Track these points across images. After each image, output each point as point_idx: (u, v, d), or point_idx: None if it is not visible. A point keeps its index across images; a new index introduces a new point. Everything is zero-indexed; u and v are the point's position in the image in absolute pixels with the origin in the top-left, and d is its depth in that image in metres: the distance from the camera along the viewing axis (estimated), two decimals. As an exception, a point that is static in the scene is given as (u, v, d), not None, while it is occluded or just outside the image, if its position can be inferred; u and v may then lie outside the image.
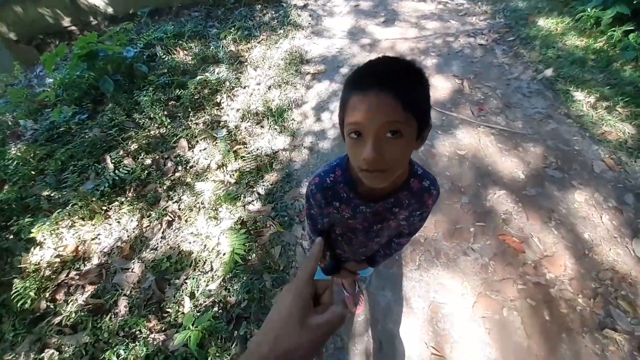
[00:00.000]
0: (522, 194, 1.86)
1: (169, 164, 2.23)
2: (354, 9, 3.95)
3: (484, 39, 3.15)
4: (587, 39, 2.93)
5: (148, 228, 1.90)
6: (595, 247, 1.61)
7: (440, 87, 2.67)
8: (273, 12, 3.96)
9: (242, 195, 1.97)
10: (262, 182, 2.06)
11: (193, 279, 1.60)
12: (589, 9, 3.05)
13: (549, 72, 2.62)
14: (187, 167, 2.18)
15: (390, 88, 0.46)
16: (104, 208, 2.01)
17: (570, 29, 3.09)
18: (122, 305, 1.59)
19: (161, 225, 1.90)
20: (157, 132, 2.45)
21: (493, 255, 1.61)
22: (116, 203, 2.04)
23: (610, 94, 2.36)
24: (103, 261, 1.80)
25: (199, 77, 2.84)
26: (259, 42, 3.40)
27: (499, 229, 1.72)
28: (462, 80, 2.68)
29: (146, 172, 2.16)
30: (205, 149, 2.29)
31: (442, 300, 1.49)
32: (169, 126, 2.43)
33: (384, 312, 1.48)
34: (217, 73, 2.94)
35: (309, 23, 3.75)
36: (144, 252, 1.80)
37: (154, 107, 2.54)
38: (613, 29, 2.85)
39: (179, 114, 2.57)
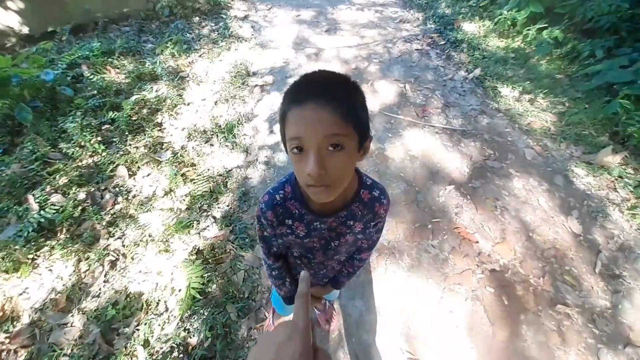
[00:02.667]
0: (469, 187, 1.98)
1: (107, 195, 1.99)
2: (296, 19, 3.98)
3: (419, 44, 3.37)
4: (506, 39, 3.29)
5: (87, 273, 1.67)
6: (537, 228, 1.77)
7: (385, 91, 2.78)
8: (212, 24, 3.82)
9: (196, 221, 1.83)
10: (217, 204, 1.93)
11: (145, 324, 1.42)
12: (505, 12, 3.43)
13: (477, 71, 2.87)
14: (129, 197, 1.97)
15: (328, 101, 0.46)
16: (31, 256, 1.71)
17: (491, 31, 3.44)
18: (62, 369, 1.36)
19: (103, 267, 1.67)
20: (90, 161, 2.18)
21: (451, 249, 1.68)
22: (45, 248, 1.76)
23: (531, 88, 2.66)
24: (35, 319, 1.53)
25: (135, 97, 2.61)
26: (200, 56, 3.24)
27: (453, 222, 1.81)
28: (404, 84, 2.83)
29: (80, 208, 1.90)
30: (148, 174, 2.09)
31: (412, 302, 1.51)
32: (103, 153, 2.18)
33: (357, 323, 1.46)
34: (156, 91, 2.73)
35: (252, 34, 3.69)
36: (84, 302, 1.56)
37: (84, 133, 2.26)
38: (528, 28, 3.23)
39: (114, 139, 2.32)
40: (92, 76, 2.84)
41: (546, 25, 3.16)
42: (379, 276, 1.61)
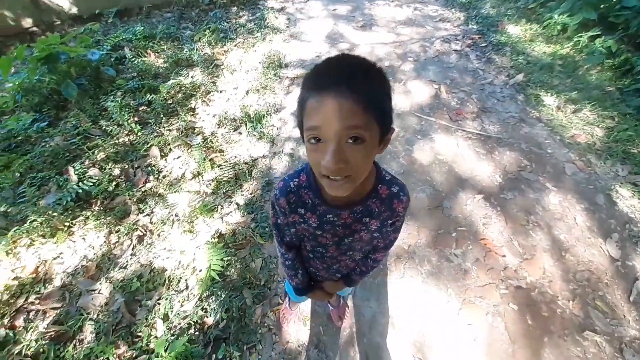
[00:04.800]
0: (500, 198, 1.89)
1: (140, 174, 2.09)
2: (332, 14, 3.94)
3: (458, 45, 3.23)
4: (554, 45, 3.08)
5: (116, 245, 1.76)
6: (571, 248, 1.66)
7: (418, 92, 2.69)
8: (249, 15, 3.87)
9: (220, 206, 1.88)
10: (241, 191, 1.97)
11: (166, 299, 1.49)
12: (556, 16, 3.20)
13: (520, 77, 2.71)
14: (160, 177, 2.06)
15: (350, 89, 0.43)
16: (67, 224, 1.84)
17: (538, 36, 3.23)
18: (88, 332, 1.45)
19: (131, 241, 1.76)
20: (127, 139, 2.29)
21: (475, 261, 1.62)
22: (81, 218, 1.88)
23: (577, 98, 2.48)
24: (66, 282, 1.65)
25: (171, 81, 2.70)
26: (235, 45, 3.30)
27: (479, 233, 1.73)
28: (439, 85, 2.73)
29: (114, 183, 2.01)
30: (179, 157, 2.17)
31: (428, 309, 1.47)
32: (139, 133, 2.29)
33: (369, 324, 1.44)
34: (192, 77, 2.82)
35: (287, 26, 3.70)
36: (112, 272, 1.66)
37: (123, 113, 2.38)
38: (579, 34, 3.00)
39: (150, 121, 2.42)
40: (133, 59, 2.97)
41: (599, 33, 2.92)
42: (396, 280, 1.58)
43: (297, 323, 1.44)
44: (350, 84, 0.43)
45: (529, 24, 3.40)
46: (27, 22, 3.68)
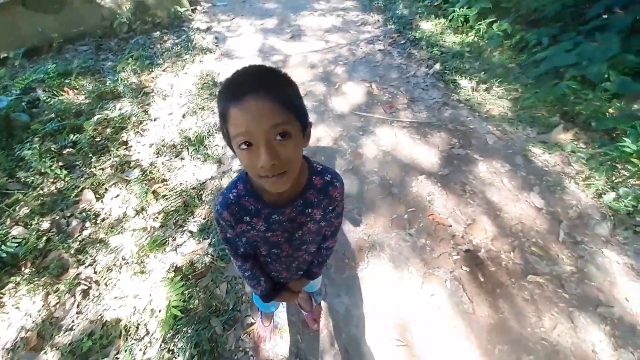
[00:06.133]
0: (438, 175, 2.07)
1: (74, 222, 1.89)
2: (260, 28, 4.00)
3: (381, 45, 3.49)
4: (461, 35, 3.48)
5: (58, 306, 1.57)
6: (503, 207, 1.87)
7: (353, 92, 2.85)
8: (175, 38, 3.77)
9: (171, 237, 1.78)
10: (193, 218, 1.89)
11: (126, 351, 1.36)
12: (457, 9, 3.62)
13: (437, 66, 3.01)
14: (98, 222, 1.88)
15: (268, 92, 0.47)
16: (-7, 296, 1.60)
17: (446, 28, 3.63)
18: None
19: (74, 297, 1.58)
20: (53, 188, 2.07)
21: (427, 236, 1.74)
22: (10, 285, 1.64)
23: (486, 78, 2.83)
24: (7, 360, 1.42)
25: (97, 117, 2.52)
26: (163, 70, 3.18)
27: (427, 210, 1.87)
28: (370, 83, 2.91)
29: (44, 238, 1.80)
30: (117, 196, 2.02)
31: (396, 291, 1.55)
32: (66, 179, 2.08)
33: (344, 319, 1.47)
34: (119, 109, 2.65)
35: (216, 45, 3.67)
36: (57, 337, 1.47)
37: (44, 159, 2.14)
38: (479, 22, 3.43)
39: (77, 163, 2.22)
40: (48, 99, 2.71)
41: (495, 19, 3.38)
42: (362, 271, 1.64)
43: (273, 338, 1.42)
44: (267, 87, 0.48)
45: (438, 19, 3.80)
46: None
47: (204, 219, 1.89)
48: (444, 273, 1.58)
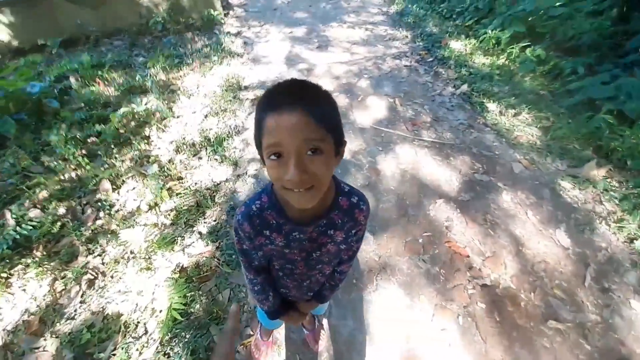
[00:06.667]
0: (459, 200, 1.98)
1: (89, 210, 1.92)
2: (288, 36, 4.05)
3: (408, 61, 3.46)
4: (491, 57, 3.40)
5: (63, 293, 1.58)
6: (526, 242, 1.76)
7: (375, 106, 2.81)
8: (206, 40, 3.87)
9: (180, 237, 1.77)
10: (204, 219, 1.88)
11: (122, 348, 1.34)
12: (489, 31, 3.56)
13: (464, 87, 2.94)
14: (112, 213, 1.90)
15: (305, 106, 0.47)
16: (4, 275, 1.62)
17: (476, 49, 3.56)
18: (29, 400, 1.26)
19: (80, 286, 1.59)
20: (73, 174, 2.12)
21: (442, 264, 1.66)
22: (20, 267, 1.67)
23: (516, 103, 2.73)
24: (7, 341, 1.43)
25: (123, 110, 2.58)
26: (191, 70, 3.26)
27: (444, 236, 1.79)
28: (394, 99, 2.87)
29: (59, 223, 1.83)
30: (133, 189, 2.04)
31: (404, 320, 1.46)
32: (87, 167, 2.12)
33: (347, 343, 1.40)
34: (145, 104, 2.71)
35: (244, 50, 3.74)
36: (58, 324, 1.47)
37: (68, 146, 2.21)
38: (512, 46, 3.35)
39: (99, 152, 2.27)
40: (80, 89, 2.81)
41: (529, 43, 3.29)
42: (370, 293, 1.56)
43: (270, 354, 1.36)
44: (305, 101, 0.48)
45: (468, 39, 3.74)
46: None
47: (215, 221, 1.88)
48: (458, 307, 1.49)
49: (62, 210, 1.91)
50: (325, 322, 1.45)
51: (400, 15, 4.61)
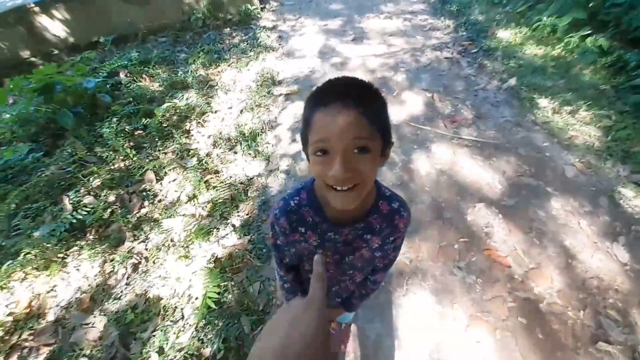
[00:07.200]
0: (501, 205, 1.85)
1: (135, 199, 2.07)
2: (323, 29, 4.00)
3: (449, 52, 3.25)
4: (545, 47, 3.08)
5: (111, 274, 1.73)
6: (577, 254, 1.60)
7: (411, 101, 2.69)
8: (242, 35, 3.94)
9: (216, 228, 1.84)
10: (237, 212, 1.94)
11: (161, 330, 1.44)
12: (544, 18, 3.22)
13: (512, 81, 2.71)
14: (155, 202, 2.04)
15: (355, 104, 0.47)
16: (61, 255, 1.82)
17: (528, 39, 3.25)
18: (82, 369, 1.41)
19: (126, 269, 1.73)
20: (122, 165, 2.29)
21: (480, 273, 1.56)
22: (75, 248, 1.86)
23: (572, 99, 2.46)
24: (60, 317, 1.61)
25: (166, 104, 2.72)
26: (229, 65, 3.34)
27: (482, 243, 1.68)
28: (432, 93, 2.72)
29: (109, 210, 2.00)
30: (174, 180, 2.16)
31: (434, 328, 1.41)
32: (134, 158, 2.28)
33: (374, 346, 1.38)
34: (186, 99, 2.84)
35: (279, 44, 3.75)
36: (107, 303, 1.62)
37: (118, 138, 2.39)
38: (570, 35, 3.01)
39: (145, 145, 2.43)
40: (129, 84, 3.01)
41: (590, 32, 2.93)
42: (399, 298, 1.52)
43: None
44: (355, 99, 0.47)
45: (519, 28, 3.42)
46: (25, 53, 3.77)
47: (247, 214, 1.93)
48: (495, 320, 1.40)
49: (111, 198, 2.08)
50: (353, 325, 1.44)
51: (443, 3, 4.32)
